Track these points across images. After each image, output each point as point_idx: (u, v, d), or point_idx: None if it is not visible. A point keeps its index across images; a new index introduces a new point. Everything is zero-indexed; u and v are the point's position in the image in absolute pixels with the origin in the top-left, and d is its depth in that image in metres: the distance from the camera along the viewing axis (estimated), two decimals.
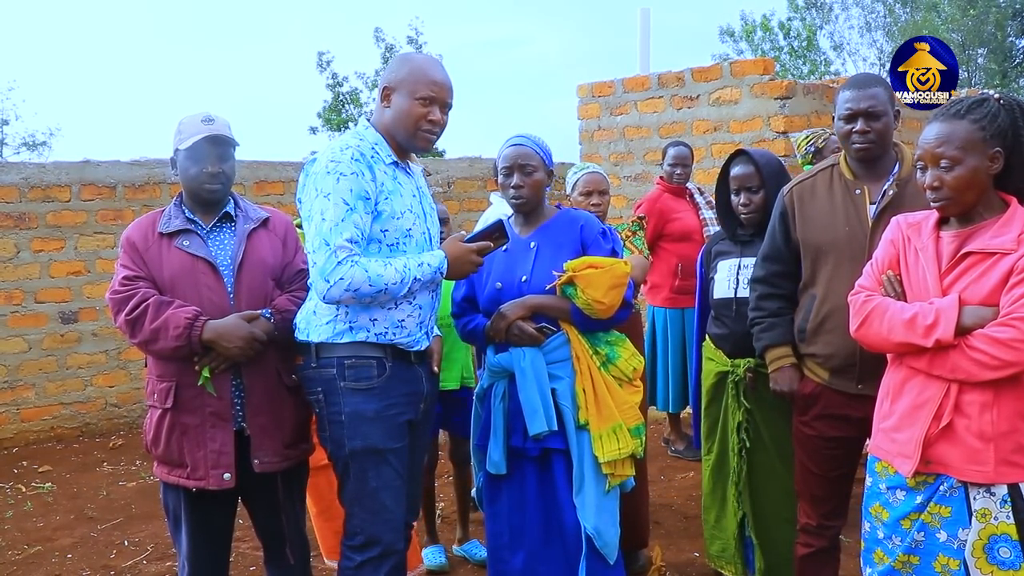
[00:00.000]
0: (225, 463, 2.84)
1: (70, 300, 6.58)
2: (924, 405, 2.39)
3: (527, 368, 3.03)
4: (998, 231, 2.35)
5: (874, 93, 2.87)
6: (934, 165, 2.37)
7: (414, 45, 22.43)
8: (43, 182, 6.41)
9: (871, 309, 2.47)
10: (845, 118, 2.90)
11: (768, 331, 3.11)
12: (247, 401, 2.89)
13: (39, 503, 5.27)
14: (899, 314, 2.40)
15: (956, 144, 2.34)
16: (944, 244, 2.43)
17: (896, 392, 2.48)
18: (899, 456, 2.44)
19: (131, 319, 2.79)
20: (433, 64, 2.84)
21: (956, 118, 2.38)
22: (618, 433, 3.04)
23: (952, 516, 2.37)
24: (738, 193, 3.45)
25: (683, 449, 5.82)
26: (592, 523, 3.02)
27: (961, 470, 2.34)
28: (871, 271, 2.57)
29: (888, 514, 2.50)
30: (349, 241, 2.61)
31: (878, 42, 28.45)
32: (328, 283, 2.60)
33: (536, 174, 3.11)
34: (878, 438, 2.54)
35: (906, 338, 2.37)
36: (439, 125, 2.79)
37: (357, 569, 2.79)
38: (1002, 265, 2.30)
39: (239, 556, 4.23)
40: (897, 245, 2.53)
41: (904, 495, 2.46)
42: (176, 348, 2.77)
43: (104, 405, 6.77)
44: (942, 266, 2.41)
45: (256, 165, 7.27)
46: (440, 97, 2.77)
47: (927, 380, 2.39)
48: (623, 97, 7.33)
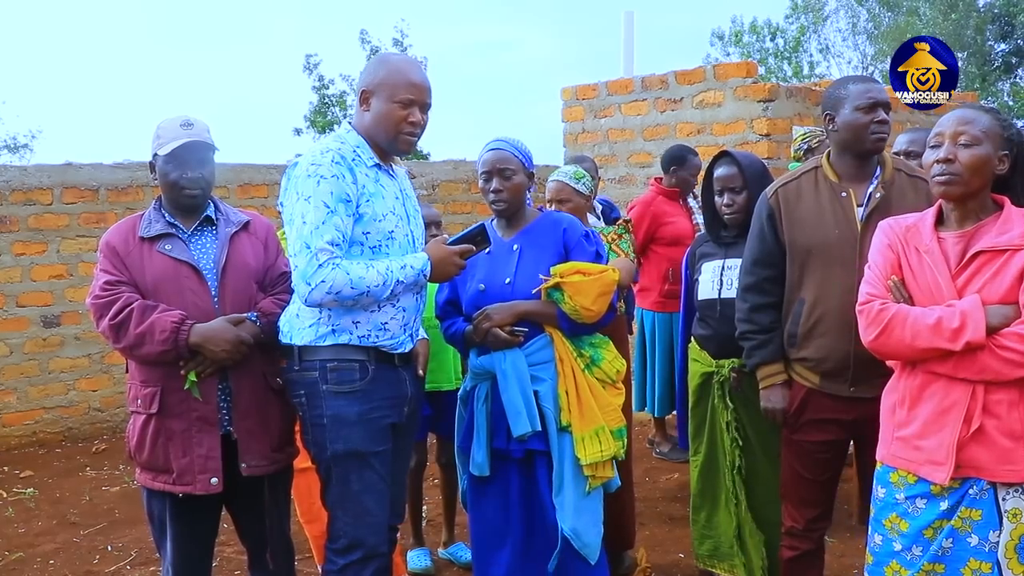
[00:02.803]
0: (212, 468, 2.82)
1: (52, 304, 6.54)
2: (951, 409, 2.34)
3: (508, 370, 3.03)
4: (1001, 229, 2.35)
5: (885, 89, 2.92)
6: (952, 141, 2.36)
7: (400, 47, 22.40)
8: (24, 185, 6.37)
9: (891, 317, 2.39)
10: (865, 108, 2.88)
11: (760, 348, 3.08)
12: (234, 405, 2.88)
13: (21, 509, 5.22)
14: (922, 319, 2.34)
15: (980, 127, 2.37)
16: (949, 245, 2.41)
17: (915, 398, 2.42)
18: (927, 464, 2.38)
19: (115, 324, 2.77)
20: (411, 65, 2.83)
21: (981, 111, 2.41)
22: (600, 435, 3.04)
23: (983, 519, 2.34)
24: (721, 194, 3.46)
25: (668, 451, 5.83)
26: (570, 524, 3.02)
27: (994, 471, 2.32)
28: (874, 277, 2.52)
29: (908, 524, 2.44)
30: (330, 244, 2.61)
31: (861, 46, 28.65)
32: (310, 286, 2.60)
33: (515, 178, 3.11)
34: (895, 447, 2.48)
35: (932, 343, 2.32)
36: (419, 126, 2.78)
37: (340, 572, 2.78)
38: (1015, 262, 2.30)
39: (223, 561, 4.22)
40: (896, 249, 2.50)
41: (926, 503, 2.41)
42: (162, 352, 2.75)
43: (87, 409, 6.72)
44: (952, 267, 2.39)
45: (240, 168, 7.24)
46: (419, 99, 2.76)
47: (950, 383, 2.35)
48: (607, 100, 7.35)
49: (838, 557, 4.08)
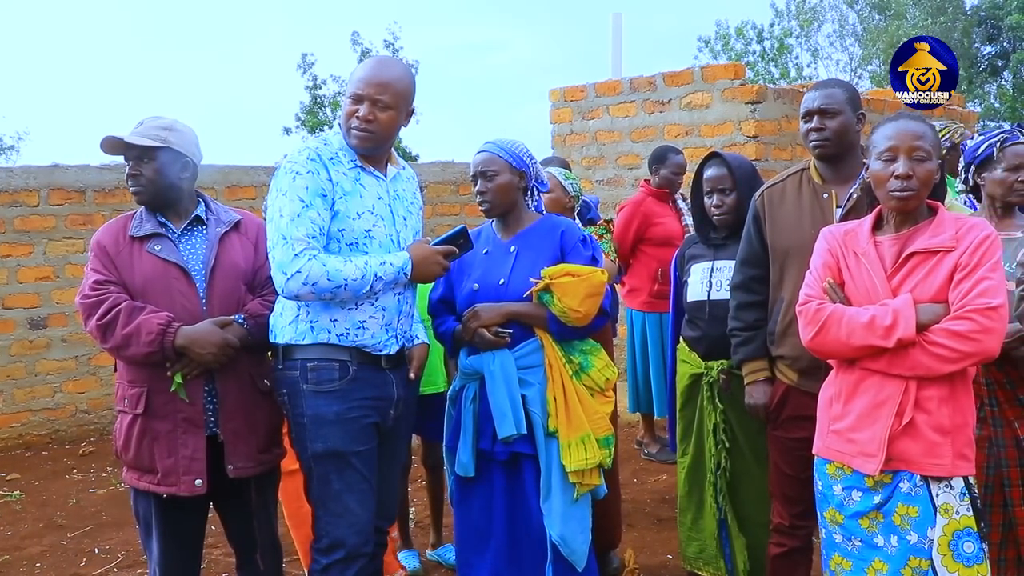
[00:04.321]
0: (197, 469, 2.82)
1: (39, 306, 6.50)
2: (884, 403, 2.43)
3: (496, 371, 3.04)
4: (934, 231, 2.45)
5: (831, 93, 2.95)
6: (908, 156, 2.43)
7: (391, 49, 22.38)
8: (11, 186, 6.33)
9: (827, 316, 2.49)
10: (802, 117, 2.99)
11: (744, 345, 3.16)
12: (220, 407, 2.87)
13: (7, 511, 5.20)
14: (856, 318, 2.43)
15: (928, 141, 2.46)
16: (885, 247, 2.51)
17: (850, 393, 2.51)
18: (860, 456, 2.47)
19: (103, 324, 2.77)
20: (372, 62, 2.83)
21: (921, 121, 2.51)
22: (586, 443, 3.03)
23: (920, 516, 2.41)
24: (711, 195, 3.47)
25: (656, 452, 5.83)
26: (558, 531, 3.02)
27: (922, 464, 2.40)
28: (813, 280, 2.61)
29: (843, 516, 2.53)
30: (307, 236, 2.64)
31: (849, 48, 28.78)
32: (286, 275, 2.62)
33: (498, 178, 3.11)
34: (830, 440, 2.58)
35: (866, 341, 2.41)
36: (367, 121, 2.73)
37: (323, 572, 2.79)
38: (946, 262, 2.40)
39: (211, 563, 4.20)
40: (835, 253, 2.58)
41: (861, 495, 2.50)
42: (148, 354, 2.75)
43: (74, 412, 6.69)
44: (887, 268, 2.48)
45: (228, 170, 7.22)
46: (367, 94, 2.72)
47: (884, 379, 2.44)
48: (595, 101, 7.36)
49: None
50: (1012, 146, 3.08)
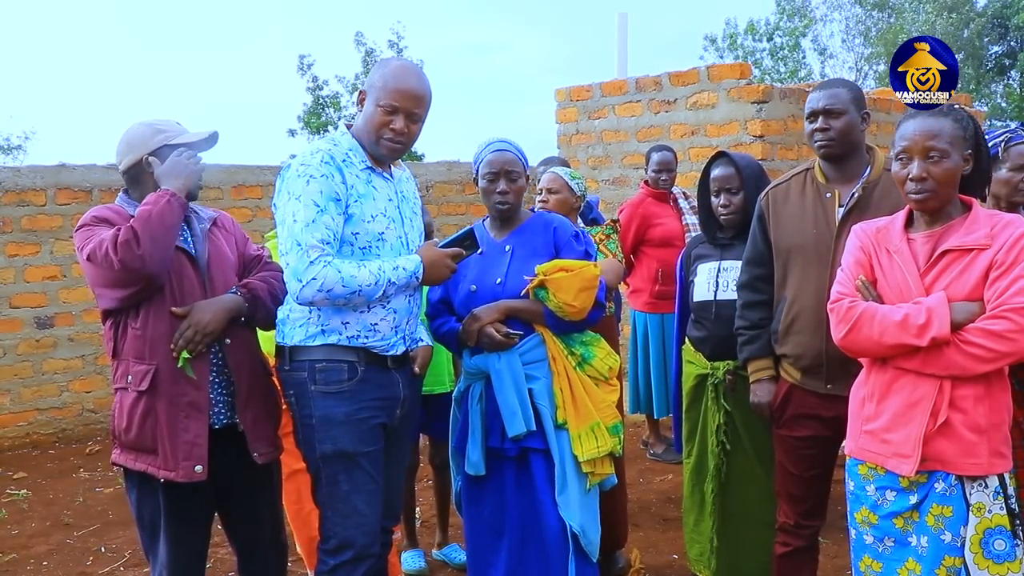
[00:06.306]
0: (197, 455, 2.74)
1: (46, 305, 6.52)
2: (919, 403, 2.39)
3: (503, 370, 3.04)
4: (968, 229, 2.41)
5: (835, 93, 2.95)
6: (922, 157, 2.40)
7: (395, 49, 22.36)
8: (18, 186, 6.36)
9: (859, 314, 2.46)
10: (807, 117, 2.98)
11: (749, 344, 3.17)
12: (236, 395, 2.84)
13: (14, 510, 5.22)
14: (889, 316, 2.40)
15: (945, 139, 2.41)
16: (918, 245, 2.47)
17: (883, 393, 2.48)
18: (894, 456, 2.44)
19: (125, 241, 2.59)
20: (405, 72, 2.77)
21: (941, 116, 2.45)
22: (596, 432, 3.06)
23: (954, 516, 2.39)
24: (718, 194, 3.47)
25: (662, 452, 5.83)
26: (578, 521, 3.03)
27: (958, 464, 2.37)
28: (845, 278, 2.58)
29: (877, 517, 2.51)
30: (321, 242, 2.61)
31: (856, 48, 28.70)
32: (301, 283, 2.60)
33: (520, 181, 3.14)
34: (863, 440, 2.54)
35: (899, 339, 2.37)
36: (401, 135, 2.73)
37: (331, 573, 2.78)
38: (981, 260, 2.36)
39: (217, 562, 4.21)
40: (867, 251, 2.55)
41: (895, 495, 2.47)
42: (183, 207, 2.71)
43: (80, 411, 6.71)
44: (920, 266, 2.44)
45: (234, 169, 7.23)
46: (404, 106, 2.72)
47: (918, 379, 2.40)
48: (601, 101, 7.35)
49: (831, 558, 4.09)
50: (1017, 146, 3.06)
